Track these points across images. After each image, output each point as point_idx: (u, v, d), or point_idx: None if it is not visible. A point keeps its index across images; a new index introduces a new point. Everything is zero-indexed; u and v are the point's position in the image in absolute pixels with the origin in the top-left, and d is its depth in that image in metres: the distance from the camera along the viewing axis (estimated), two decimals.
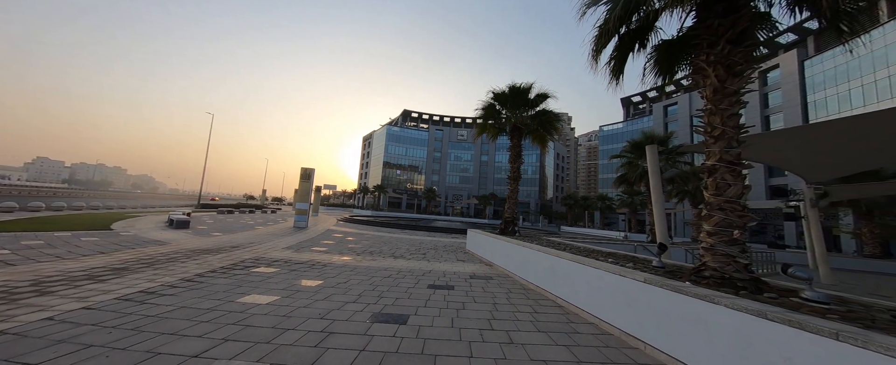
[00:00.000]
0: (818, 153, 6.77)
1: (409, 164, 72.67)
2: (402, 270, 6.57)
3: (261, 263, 6.38)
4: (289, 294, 4.38)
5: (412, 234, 16.87)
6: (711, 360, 2.56)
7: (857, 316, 2.39)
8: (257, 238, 10.30)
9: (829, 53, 30.81)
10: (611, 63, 4.93)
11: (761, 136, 6.33)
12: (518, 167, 11.38)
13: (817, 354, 1.94)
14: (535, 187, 67.89)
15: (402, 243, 11.75)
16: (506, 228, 10.70)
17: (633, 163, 20.15)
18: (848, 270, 13.36)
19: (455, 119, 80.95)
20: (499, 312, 4.22)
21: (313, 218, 24.32)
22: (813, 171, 7.87)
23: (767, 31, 4.54)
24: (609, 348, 3.21)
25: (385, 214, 47.06)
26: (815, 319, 2.09)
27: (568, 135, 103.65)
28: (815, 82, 32.21)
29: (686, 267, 4.53)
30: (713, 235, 3.53)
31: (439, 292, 5.01)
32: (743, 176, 3.61)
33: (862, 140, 5.81)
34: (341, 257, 7.71)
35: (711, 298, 2.61)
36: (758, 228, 33.69)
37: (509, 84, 11.36)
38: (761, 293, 3.01)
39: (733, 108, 3.65)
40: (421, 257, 8.59)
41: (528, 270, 6.10)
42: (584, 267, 4.37)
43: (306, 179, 16.61)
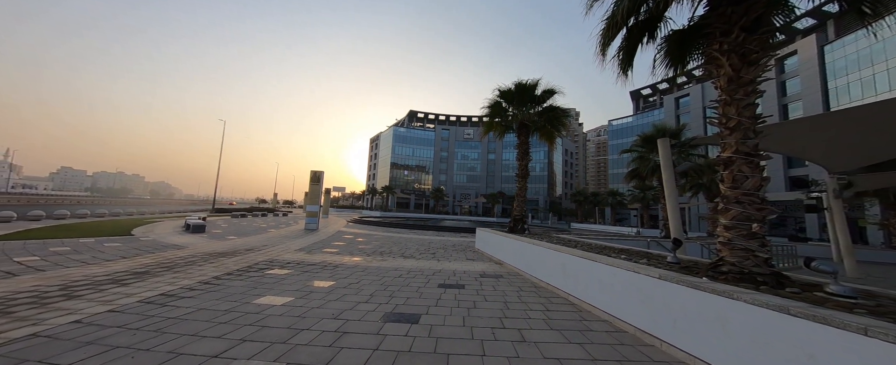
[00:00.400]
0: (841, 142, 6.50)
1: (416, 164, 72.98)
2: (413, 270, 6.61)
3: (275, 265, 6.51)
4: (302, 295, 4.46)
5: (421, 233, 16.95)
6: (731, 357, 2.49)
7: (887, 310, 2.29)
8: (270, 241, 10.52)
9: (851, 37, 29.49)
10: (619, 56, 4.84)
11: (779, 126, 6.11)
12: (526, 165, 11.28)
13: (844, 351, 1.87)
14: (543, 185, 67.23)
15: (412, 243, 11.81)
16: (515, 226, 10.63)
17: (645, 157, 19.73)
18: (875, 263, 12.80)
19: (461, 118, 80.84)
20: (510, 310, 4.21)
21: (323, 220, 24.69)
22: (836, 160, 7.56)
23: (784, 16, 4.37)
24: (624, 346, 3.16)
25: (394, 215, 47.40)
26: (841, 314, 2.01)
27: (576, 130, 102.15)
28: (836, 68, 30.88)
29: (702, 262, 4.41)
30: (731, 229, 3.43)
31: (450, 291, 5.02)
32: (761, 167, 3.50)
33: (889, 127, 5.54)
34: (352, 258, 7.81)
35: (730, 294, 2.54)
36: (778, 221, 32.54)
37: (515, 81, 11.27)
38: (783, 288, 2.92)
39: (749, 97, 3.54)
40: (430, 257, 8.63)
41: (538, 267, 6.06)
42: (596, 264, 4.31)
43: (316, 182, 16.87)
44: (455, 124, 79.96)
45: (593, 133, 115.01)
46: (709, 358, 2.65)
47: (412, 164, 72.66)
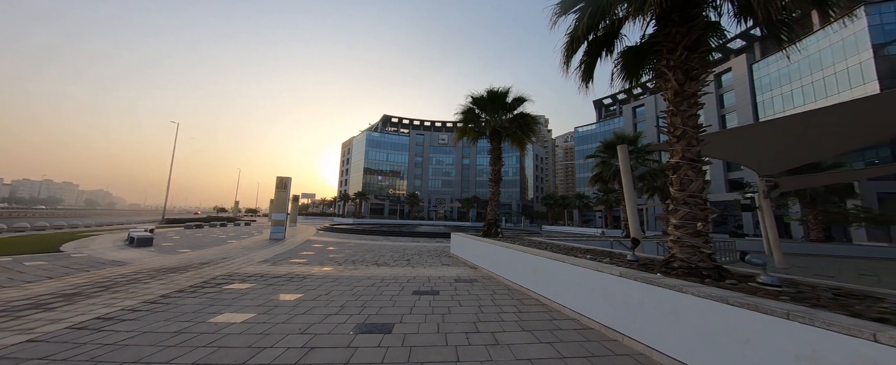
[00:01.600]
0: (767, 148, 7.43)
1: (390, 169, 71.89)
2: (386, 278, 6.46)
3: (234, 278, 6.04)
4: (266, 310, 4.17)
5: (396, 240, 16.65)
6: (683, 345, 2.71)
7: (805, 296, 2.63)
8: (230, 253, 9.76)
9: (773, 58, 33.98)
10: (581, 68, 5.17)
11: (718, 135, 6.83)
12: (499, 169, 11.57)
13: (772, 334, 2.11)
14: (516, 189, 69.26)
15: (386, 250, 11.56)
16: (489, 229, 10.81)
17: (607, 162, 21.11)
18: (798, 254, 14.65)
19: (436, 123, 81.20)
20: (484, 314, 4.25)
21: (291, 229, 23.40)
22: (764, 164, 8.61)
23: (719, 37, 4.94)
24: (590, 342, 3.32)
25: (367, 222, 46.14)
26: (769, 302, 2.28)
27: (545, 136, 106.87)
28: (762, 84, 35.37)
29: (657, 259, 4.78)
30: (680, 228, 3.76)
31: (425, 298, 4.97)
32: (703, 172, 3.89)
33: (803, 136, 6.43)
34: (322, 268, 7.46)
35: (680, 288, 2.78)
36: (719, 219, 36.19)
37: (487, 88, 11.57)
38: (723, 280, 3.24)
39: (692, 109, 3.94)
40: (405, 264, 8.49)
41: (511, 270, 6.20)
42: (564, 265, 4.50)
43: (282, 189, 15.99)
44: (430, 129, 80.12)
45: (562, 139, 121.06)
46: (664, 348, 2.87)
47: (386, 169, 71.49)
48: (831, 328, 1.85)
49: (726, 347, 2.38)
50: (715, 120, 39.41)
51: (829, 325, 1.87)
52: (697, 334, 2.60)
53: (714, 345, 2.47)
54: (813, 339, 1.92)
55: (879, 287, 3.07)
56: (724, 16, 4.50)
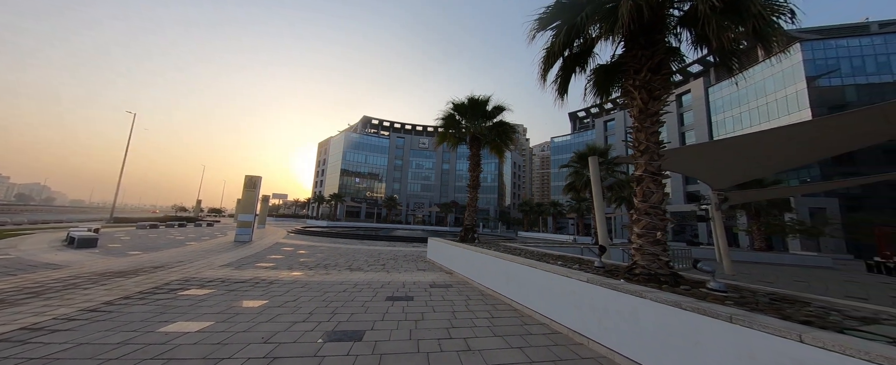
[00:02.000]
0: (719, 165, 8.14)
1: (368, 171, 70.47)
2: (360, 283, 6.29)
3: (191, 284, 5.60)
4: (226, 318, 3.91)
5: (371, 244, 16.28)
6: (642, 348, 2.88)
7: (747, 301, 2.90)
8: (188, 256, 9.05)
9: (725, 83, 37.52)
10: (557, 82, 5.42)
11: (677, 151, 7.38)
12: (477, 176, 11.73)
13: (718, 336, 2.31)
14: (494, 195, 70.40)
15: (360, 255, 11.27)
16: (465, 235, 10.89)
17: (579, 172, 22.09)
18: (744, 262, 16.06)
19: (416, 127, 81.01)
20: (457, 319, 4.26)
21: (259, 231, 22.17)
22: (716, 179, 9.42)
23: (679, 62, 5.39)
24: (558, 346, 3.43)
25: (342, 225, 44.74)
26: (715, 306, 2.49)
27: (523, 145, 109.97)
28: (716, 106, 38.88)
29: (622, 266, 5.05)
30: (641, 236, 4.01)
31: (398, 304, 4.89)
32: (663, 184, 4.19)
33: (747, 154, 7.13)
34: (291, 273, 7.12)
35: (640, 294, 2.95)
36: (679, 228, 38.95)
37: (468, 96, 11.76)
38: (679, 286, 3.49)
39: (654, 126, 4.25)
40: (380, 268, 8.32)
41: (486, 276, 6.27)
42: (536, 271, 4.63)
43: (251, 188, 15.14)
44: (411, 133, 79.75)
45: (538, 148, 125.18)
46: (625, 351, 3.03)
47: (364, 171, 70.00)
48: (766, 330, 2.06)
49: (679, 349, 2.56)
50: (676, 137, 42.65)
51: (765, 327, 2.07)
52: (655, 337, 2.78)
53: (669, 347, 2.65)
54: (751, 340, 2.12)
55: (808, 292, 3.45)
56: (683, 42, 4.93)
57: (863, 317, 2.52)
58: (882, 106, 4.25)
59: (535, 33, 5.03)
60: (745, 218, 23.29)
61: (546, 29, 4.94)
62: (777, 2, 3.51)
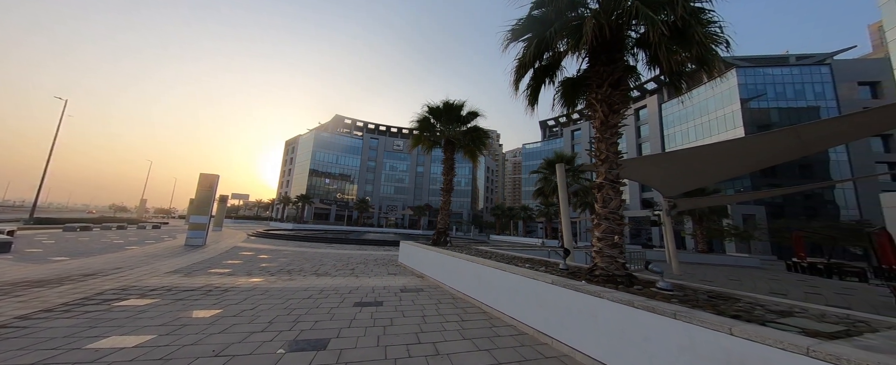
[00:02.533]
0: (669, 174, 8.96)
1: (340, 172, 68.07)
2: (326, 289, 6.03)
3: (131, 293, 5.02)
4: (170, 330, 3.55)
5: (340, 248, 15.69)
6: (600, 346, 3.06)
7: (689, 298, 3.20)
8: (128, 261, 8.10)
9: (675, 101, 41.50)
10: (528, 91, 5.66)
11: (633, 161, 8.01)
12: (451, 179, 11.83)
13: (664, 331, 2.52)
14: (467, 198, 71.25)
15: (328, 259, 10.81)
16: (438, 238, 10.89)
17: (548, 178, 23.10)
18: (690, 263, 17.71)
19: (391, 128, 79.89)
20: (427, 324, 4.23)
21: (215, 234, 20.48)
22: (667, 187, 10.34)
23: (636, 80, 5.89)
24: (524, 347, 3.54)
25: (309, 227, 42.69)
26: (662, 304, 2.72)
27: (497, 150, 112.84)
28: (668, 121, 42.82)
29: (584, 268, 5.35)
30: (601, 240, 4.29)
31: (366, 310, 4.75)
32: (621, 191, 4.53)
33: (691, 165, 7.92)
34: (249, 279, 6.65)
35: (598, 294, 3.15)
36: (635, 231, 42.09)
37: (443, 100, 11.88)
38: (632, 286, 3.77)
39: (614, 137, 4.59)
40: (349, 273, 8.04)
41: (457, 279, 6.31)
42: (505, 273, 4.75)
43: (207, 188, 13.95)
44: (385, 134, 78.43)
45: (511, 154, 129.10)
46: (585, 348, 3.20)
47: (336, 172, 67.50)
48: (703, 325, 2.29)
49: (632, 344, 2.76)
50: (634, 147, 46.24)
51: (702, 322, 2.30)
52: (611, 334, 2.97)
53: (623, 342, 2.84)
54: (692, 333, 2.35)
55: (739, 290, 3.90)
56: (640, 62, 5.41)
57: (781, 311, 2.89)
58: (795, 127, 4.95)
59: (509, 43, 5.24)
60: (691, 223, 25.73)
61: (518, 40, 5.16)
62: (715, 33, 3.98)
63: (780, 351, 1.91)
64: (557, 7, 4.53)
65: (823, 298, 7.94)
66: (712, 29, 3.95)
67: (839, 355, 1.71)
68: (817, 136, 5.74)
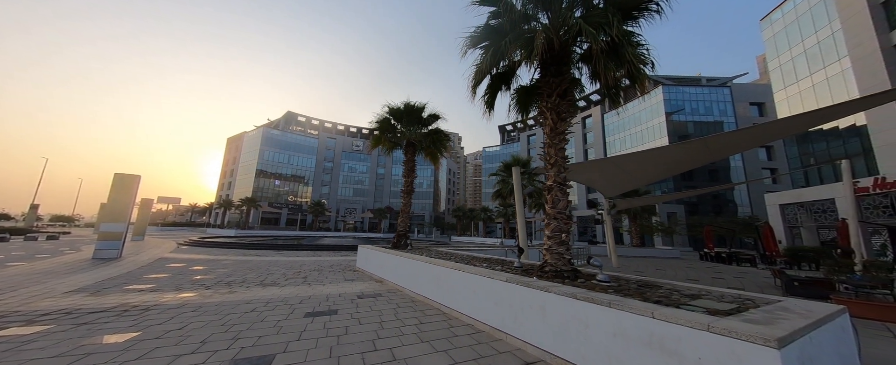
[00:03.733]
0: (609, 177, 9.97)
1: (292, 173, 63.27)
2: (273, 301, 5.55)
3: (13, 320, 4.08)
4: (70, 361, 2.96)
5: (292, 255, 14.57)
6: (549, 337, 3.28)
7: (622, 288, 3.59)
8: (11, 281, 6.58)
9: (614, 112, 46.42)
10: (485, 97, 5.88)
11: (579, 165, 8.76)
12: (411, 181, 11.72)
13: (600, 319, 2.80)
14: (429, 200, 71.28)
15: (277, 267, 9.97)
16: (398, 241, 10.71)
17: (506, 180, 24.19)
18: (627, 256, 19.86)
19: (350, 128, 76.71)
20: (384, 330, 4.13)
21: (135, 243, 17.66)
22: (607, 189, 11.49)
23: (581, 91, 6.47)
24: (480, 344, 3.64)
25: (256, 234, 38.95)
26: (600, 295, 3.02)
27: (458, 153, 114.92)
28: (609, 129, 47.66)
29: (536, 265, 5.69)
30: (551, 238, 4.61)
31: (319, 320, 4.48)
32: (568, 193, 4.92)
33: (627, 169, 8.92)
34: (178, 294, 5.84)
35: (547, 289, 3.38)
36: (582, 229, 45.94)
37: (404, 101, 11.76)
38: (577, 280, 4.12)
39: (562, 143, 4.97)
40: (301, 282, 7.50)
41: (417, 282, 6.26)
42: (463, 274, 4.85)
43: (124, 190, 11.96)
44: (343, 134, 75.00)
45: (472, 156, 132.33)
46: (535, 341, 3.40)
47: (287, 173, 62.56)
48: (631, 311, 2.59)
49: (575, 333, 3.01)
50: (581, 153, 50.55)
51: (631, 309, 2.60)
52: (558, 325, 3.20)
53: (567, 332, 3.08)
54: (622, 319, 2.64)
55: (663, 278, 4.48)
56: (584, 76, 5.95)
57: (692, 294, 3.39)
58: (704, 138, 5.87)
59: (467, 50, 5.39)
60: (627, 220, 28.90)
61: (476, 47, 5.34)
62: (643, 54, 4.55)
63: (689, 329, 2.24)
64: (512, 19, 4.79)
65: (724, 282, 9.49)
66: (641, 50, 4.51)
67: (731, 329, 2.06)
68: (721, 145, 6.87)
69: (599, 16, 4.01)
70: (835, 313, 2.55)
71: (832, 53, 20.10)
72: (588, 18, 4.16)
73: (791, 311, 2.57)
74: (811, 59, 21.47)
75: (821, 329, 2.32)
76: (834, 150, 20.01)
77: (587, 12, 4.64)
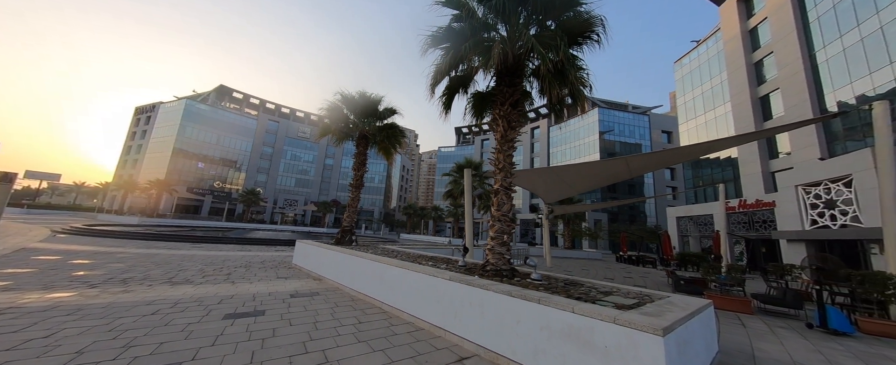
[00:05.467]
0: (549, 185, 10.91)
1: (222, 156, 55.53)
2: (184, 301, 4.81)
3: None
4: None
5: (215, 249, 12.80)
6: (485, 332, 3.46)
7: (552, 286, 3.96)
8: None
9: (558, 126, 51.01)
10: (443, 98, 5.95)
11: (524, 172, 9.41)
12: (362, 175, 11.26)
13: (531, 314, 3.05)
14: (380, 196, 69.20)
15: (193, 263, 8.66)
16: (342, 237, 10.18)
17: (458, 181, 24.78)
18: (560, 257, 21.97)
19: (297, 112, 70.30)
20: (318, 331, 3.89)
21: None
22: (548, 196, 12.57)
23: (531, 103, 6.95)
24: (419, 342, 3.67)
25: (168, 223, 33.32)
26: (531, 292, 3.28)
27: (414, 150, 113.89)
28: (553, 141, 52.16)
29: (479, 264, 5.95)
30: (494, 239, 4.87)
31: (241, 322, 4.02)
32: (512, 197, 5.24)
33: (564, 179, 9.87)
34: (47, 295, 4.69)
35: (486, 287, 3.56)
36: (524, 231, 49.45)
37: (359, 91, 11.23)
38: (514, 278, 4.42)
39: (510, 150, 5.28)
40: (223, 279, 6.64)
41: (359, 280, 6.04)
42: (407, 272, 4.83)
43: None
44: (288, 118, 68.35)
45: (427, 155, 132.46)
46: (472, 337, 3.55)
47: (215, 155, 54.64)
48: (556, 307, 2.88)
49: (508, 328, 3.22)
50: (529, 161, 54.35)
51: (556, 305, 2.89)
52: (494, 321, 3.39)
53: (501, 327, 3.29)
54: (549, 314, 2.92)
55: (586, 277, 5.06)
56: (534, 90, 6.41)
57: (606, 291, 3.90)
58: (626, 157, 6.81)
59: (428, 48, 5.38)
60: (562, 225, 31.99)
61: (437, 47, 5.36)
62: (584, 77, 5.09)
63: (600, 321, 2.57)
64: (473, 25, 4.93)
65: (632, 280, 11.14)
66: (582, 74, 5.04)
67: (630, 321, 2.43)
68: (638, 165, 8.04)
69: (550, 37, 4.37)
70: (704, 306, 3.19)
71: (720, 98, 25.07)
72: (540, 38, 4.49)
73: (675, 305, 3.14)
74: (706, 101, 26.47)
75: (694, 319, 2.88)
76: (715, 176, 25.01)
77: (540, 31, 5.01)
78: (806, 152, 17.32)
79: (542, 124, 54.34)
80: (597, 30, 4.89)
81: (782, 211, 15.63)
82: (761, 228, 18.27)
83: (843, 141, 16.16)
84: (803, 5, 18.74)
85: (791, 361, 3.90)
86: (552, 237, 33.52)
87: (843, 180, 12.62)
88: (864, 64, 15.29)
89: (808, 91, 17.64)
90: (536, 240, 46.33)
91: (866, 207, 11.71)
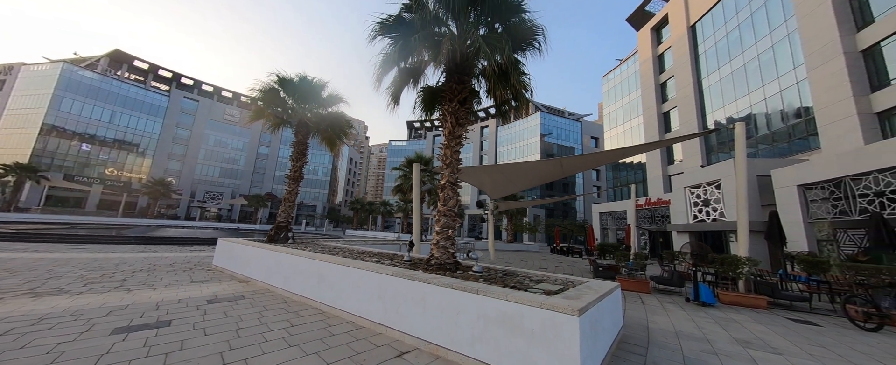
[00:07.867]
0: (495, 182, 11.50)
1: (117, 137, 45.46)
2: (54, 315, 3.83)
3: None
4: None
5: (106, 250, 10.48)
6: (426, 326, 3.50)
7: (491, 277, 4.19)
8: None
9: (504, 127, 54.00)
10: (391, 89, 5.77)
11: (471, 168, 9.74)
12: (301, 166, 10.32)
13: (469, 305, 3.18)
14: (324, 190, 64.64)
15: (71, 268, 6.95)
16: (277, 234, 9.24)
17: (407, 176, 24.50)
18: (502, 250, 23.39)
19: (223, 90, 61.02)
20: (241, 338, 3.48)
21: None
22: (494, 192, 13.23)
23: (479, 102, 7.18)
24: (358, 341, 3.55)
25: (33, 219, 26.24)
26: (471, 284, 3.43)
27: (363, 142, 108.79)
28: (501, 140, 55.06)
29: (424, 259, 5.99)
30: (439, 233, 4.94)
31: (137, 336, 3.37)
32: (458, 193, 5.38)
33: (508, 177, 10.50)
34: None
35: (429, 281, 3.60)
36: (472, 226, 51.46)
37: (300, 74, 10.24)
38: (456, 271, 4.56)
39: (458, 146, 5.39)
40: (115, 287, 5.47)
41: (294, 280, 5.56)
42: (348, 269, 4.62)
43: None
44: (211, 96, 58.88)
45: (378, 148, 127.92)
46: (414, 331, 3.57)
47: (108, 136, 44.38)
48: (492, 296, 3.05)
49: (449, 319, 3.32)
50: (478, 158, 56.43)
51: (492, 294, 3.07)
52: (435, 314, 3.45)
53: (443, 319, 3.37)
54: (486, 304, 3.08)
55: (523, 268, 5.47)
56: (482, 90, 6.64)
57: (538, 279, 4.28)
58: (559, 158, 7.54)
59: (377, 35, 5.15)
60: (506, 220, 34.13)
61: (386, 35, 5.17)
62: (526, 81, 5.45)
63: (529, 307, 2.81)
64: (424, 17, 4.86)
65: (562, 269, 12.46)
66: (524, 78, 5.38)
67: (553, 305, 2.71)
68: (571, 165, 8.97)
69: (496, 39, 4.56)
70: (613, 288, 3.71)
71: (635, 111, 29.39)
72: (488, 39, 4.65)
73: (592, 288, 3.59)
74: (625, 112, 30.79)
75: (604, 300, 3.33)
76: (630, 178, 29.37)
77: (488, 33, 5.19)
78: (692, 160, 21.46)
79: (492, 124, 56.88)
80: (538, 38, 5.25)
81: (674, 208, 19.08)
82: (660, 221, 22.07)
83: (716, 152, 20.43)
84: (695, 39, 22.98)
85: (673, 329, 4.82)
86: (497, 231, 35.49)
87: (715, 183, 15.92)
88: (733, 92, 19.48)
89: (695, 111, 21.80)
90: (483, 234, 48.63)
91: (729, 205, 15.00)
